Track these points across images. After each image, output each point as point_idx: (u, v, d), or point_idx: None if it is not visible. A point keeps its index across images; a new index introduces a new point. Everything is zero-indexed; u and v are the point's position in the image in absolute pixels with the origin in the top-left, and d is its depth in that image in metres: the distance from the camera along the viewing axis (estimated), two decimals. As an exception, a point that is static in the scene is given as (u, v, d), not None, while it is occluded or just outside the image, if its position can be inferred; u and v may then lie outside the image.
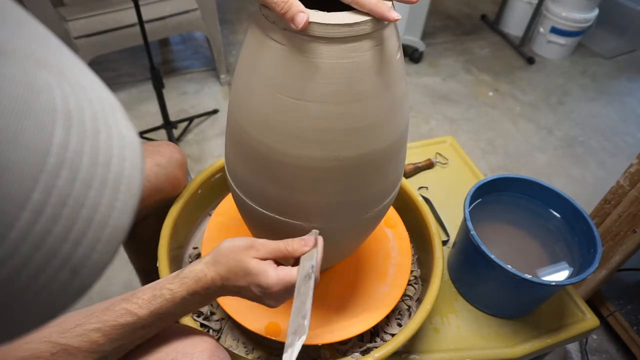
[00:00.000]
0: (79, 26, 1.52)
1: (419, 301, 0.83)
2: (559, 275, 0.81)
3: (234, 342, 0.76)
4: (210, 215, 0.92)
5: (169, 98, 1.78)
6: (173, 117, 1.66)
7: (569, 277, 0.80)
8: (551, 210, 0.89)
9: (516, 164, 1.72)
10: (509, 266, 0.73)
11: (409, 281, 0.86)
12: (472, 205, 0.85)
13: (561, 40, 2.24)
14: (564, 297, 0.90)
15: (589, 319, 0.87)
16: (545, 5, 2.22)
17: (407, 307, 0.83)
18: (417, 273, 0.89)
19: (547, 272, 0.82)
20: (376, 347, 0.68)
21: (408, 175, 1.11)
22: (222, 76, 1.93)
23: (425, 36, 2.21)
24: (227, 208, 0.88)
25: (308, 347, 0.74)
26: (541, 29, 2.29)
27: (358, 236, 0.69)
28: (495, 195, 0.90)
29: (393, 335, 0.73)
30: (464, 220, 0.80)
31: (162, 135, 1.66)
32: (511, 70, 2.21)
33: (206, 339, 0.56)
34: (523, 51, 2.31)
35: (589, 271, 0.73)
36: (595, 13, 2.20)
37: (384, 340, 0.77)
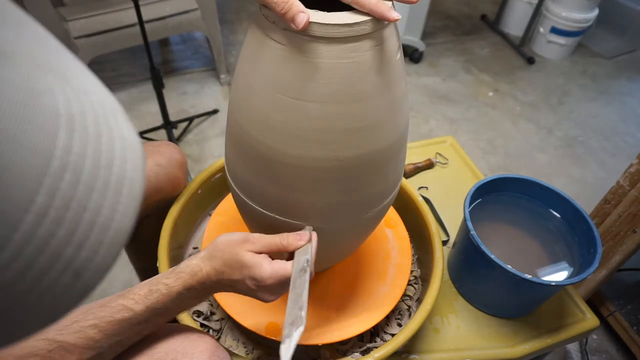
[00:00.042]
0: (79, 26, 1.52)
1: (419, 301, 0.83)
2: (559, 275, 0.81)
3: (234, 342, 0.76)
4: (210, 215, 0.92)
5: (169, 98, 1.78)
6: (173, 117, 1.66)
7: (569, 277, 0.80)
8: (551, 210, 0.89)
9: (516, 164, 1.73)
10: (509, 266, 0.73)
11: (409, 281, 0.86)
12: (472, 205, 0.85)
13: (561, 40, 2.24)
14: (564, 297, 0.90)
15: (589, 319, 0.87)
16: (545, 5, 2.22)
17: (407, 307, 0.83)
18: (417, 273, 0.89)
19: (547, 272, 0.82)
20: (376, 347, 0.68)
21: (408, 175, 1.11)
22: (222, 76, 1.93)
23: (425, 36, 2.21)
24: (227, 208, 0.88)
25: (308, 347, 0.74)
26: (541, 29, 2.29)
27: (358, 236, 0.69)
28: (495, 195, 0.90)
29: (393, 335, 0.73)
30: (464, 220, 0.80)
31: (162, 135, 1.66)
32: (511, 70, 2.21)
33: (206, 339, 0.56)
34: (523, 51, 2.31)
35: (589, 271, 0.73)
36: (595, 13, 2.20)
37: (384, 340, 0.77)
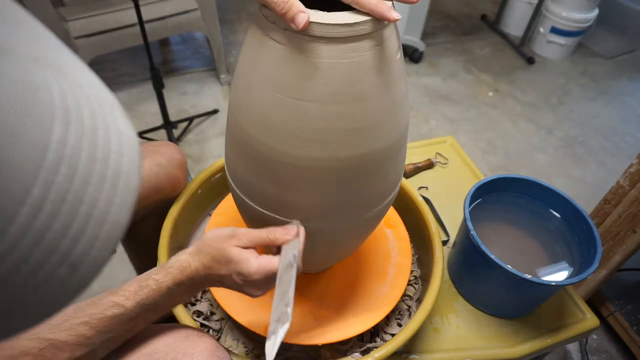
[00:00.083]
0: (79, 26, 1.52)
1: (419, 301, 0.83)
2: (559, 275, 0.81)
3: (234, 342, 0.76)
4: (210, 215, 0.92)
5: (169, 98, 1.78)
6: (173, 117, 1.66)
7: (569, 277, 0.80)
8: (551, 210, 0.89)
9: (516, 164, 1.73)
10: (509, 266, 0.73)
11: (409, 281, 0.86)
12: (472, 205, 0.85)
13: (561, 40, 2.24)
14: (564, 297, 0.90)
15: (589, 319, 0.87)
16: (545, 5, 2.22)
17: (407, 307, 0.83)
18: (417, 273, 0.89)
19: (547, 272, 0.82)
20: (376, 347, 0.68)
21: (408, 175, 1.11)
22: (222, 76, 1.93)
23: (425, 36, 2.21)
24: (227, 208, 0.88)
25: (308, 347, 0.74)
26: (541, 29, 2.29)
27: (358, 236, 0.69)
28: (495, 195, 0.90)
29: (393, 335, 0.73)
30: (464, 220, 0.80)
31: (162, 135, 1.66)
32: (511, 70, 2.21)
33: (206, 339, 0.56)
34: (523, 51, 2.31)
35: (589, 271, 0.73)
36: (595, 13, 2.20)
37: (384, 340, 0.77)
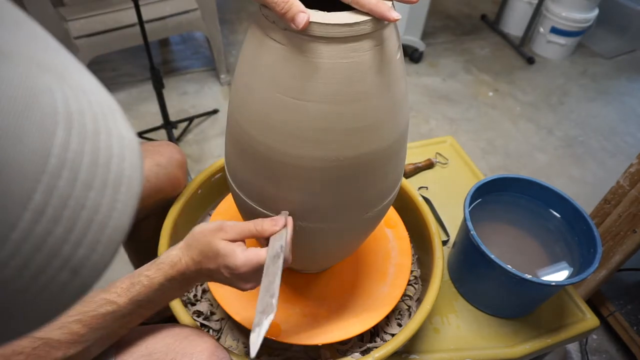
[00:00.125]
0: (79, 26, 1.52)
1: (419, 301, 0.83)
2: (559, 275, 0.81)
3: (234, 342, 0.76)
4: (210, 215, 0.92)
5: (169, 98, 1.78)
6: (173, 117, 1.66)
7: (569, 277, 0.80)
8: (551, 210, 0.89)
9: (516, 164, 1.72)
10: (509, 266, 0.73)
11: (409, 281, 0.86)
12: (472, 205, 0.85)
13: (561, 40, 2.24)
14: (564, 297, 0.90)
15: (589, 319, 0.87)
16: (545, 5, 2.22)
17: (407, 307, 0.83)
18: (417, 273, 0.89)
19: (547, 272, 0.82)
20: (376, 347, 0.68)
21: (408, 175, 1.11)
22: (222, 76, 1.93)
23: (425, 36, 2.21)
24: (227, 208, 0.88)
25: (308, 347, 0.74)
26: (541, 29, 2.29)
27: (358, 236, 0.69)
28: (495, 195, 0.90)
29: (393, 335, 0.73)
30: (464, 220, 0.80)
31: (162, 135, 1.66)
32: (511, 70, 2.21)
33: (206, 339, 0.56)
34: (523, 51, 2.31)
35: (589, 271, 0.73)
36: (595, 13, 2.20)
37: (384, 340, 0.77)
